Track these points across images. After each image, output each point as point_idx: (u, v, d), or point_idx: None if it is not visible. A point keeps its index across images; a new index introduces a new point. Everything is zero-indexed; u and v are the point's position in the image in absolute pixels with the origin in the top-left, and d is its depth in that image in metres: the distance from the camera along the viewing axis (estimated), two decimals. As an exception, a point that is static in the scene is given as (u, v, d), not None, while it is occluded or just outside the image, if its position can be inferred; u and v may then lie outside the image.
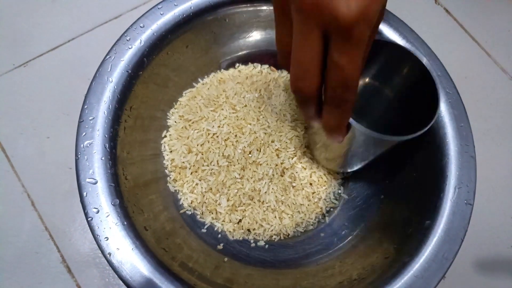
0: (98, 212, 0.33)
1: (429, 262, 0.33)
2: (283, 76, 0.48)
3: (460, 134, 0.37)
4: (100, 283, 0.41)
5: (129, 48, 0.38)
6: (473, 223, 0.35)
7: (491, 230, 0.46)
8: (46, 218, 0.44)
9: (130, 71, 0.38)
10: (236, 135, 0.43)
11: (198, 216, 0.41)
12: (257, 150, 0.42)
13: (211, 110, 0.44)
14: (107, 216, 0.33)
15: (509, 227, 0.46)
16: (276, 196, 0.42)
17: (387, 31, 0.41)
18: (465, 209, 0.34)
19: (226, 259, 0.39)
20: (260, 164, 0.42)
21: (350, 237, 0.41)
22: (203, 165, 0.42)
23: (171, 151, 0.43)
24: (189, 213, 0.41)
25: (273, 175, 0.42)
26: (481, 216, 0.45)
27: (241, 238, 0.41)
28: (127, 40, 0.39)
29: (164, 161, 0.43)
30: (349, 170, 0.44)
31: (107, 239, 0.32)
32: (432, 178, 0.37)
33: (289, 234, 0.42)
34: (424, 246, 0.34)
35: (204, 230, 0.41)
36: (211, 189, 0.41)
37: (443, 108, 0.38)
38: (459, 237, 0.34)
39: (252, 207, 0.41)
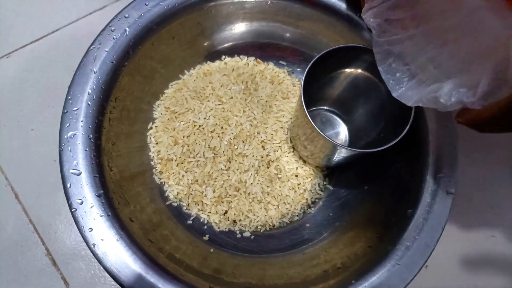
0: (82, 203, 0.33)
1: (411, 249, 0.33)
2: (269, 68, 0.48)
3: (443, 125, 0.37)
4: (86, 275, 0.41)
5: (114, 39, 0.38)
6: (455, 212, 0.35)
7: (473, 220, 0.47)
8: (30, 211, 0.43)
9: (114, 62, 0.38)
10: (222, 127, 0.43)
11: (184, 208, 0.42)
12: (243, 141, 0.43)
13: (198, 102, 0.44)
14: (91, 207, 0.33)
15: (490, 216, 0.47)
16: (262, 188, 0.42)
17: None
18: (446, 198, 0.35)
19: (212, 249, 0.39)
20: (246, 156, 0.42)
21: (334, 227, 0.41)
22: (189, 157, 0.42)
23: (157, 143, 0.43)
24: (175, 204, 0.41)
25: (259, 166, 0.42)
26: (463, 206, 0.46)
27: (227, 229, 0.41)
28: (112, 31, 0.38)
29: (150, 153, 0.43)
30: (332, 166, 0.44)
31: (91, 230, 0.32)
32: (414, 168, 0.37)
33: (274, 225, 0.42)
34: (406, 234, 0.34)
35: (190, 222, 0.41)
36: (197, 180, 0.41)
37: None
38: (440, 226, 0.34)
39: (238, 199, 0.41)
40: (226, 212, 0.42)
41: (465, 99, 0.25)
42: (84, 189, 0.33)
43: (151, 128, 0.43)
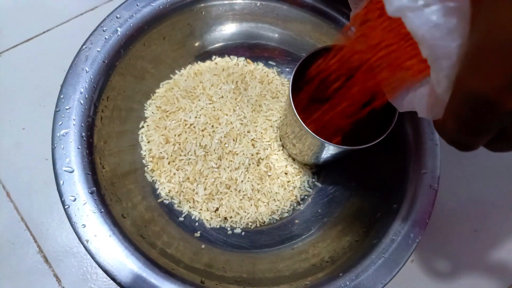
0: (75, 200, 0.33)
1: (396, 243, 0.35)
2: (259, 68, 0.49)
3: (425, 122, 0.39)
4: (78, 272, 0.42)
5: (106, 39, 0.39)
6: (439, 208, 0.37)
7: (456, 215, 0.48)
8: (22, 209, 0.44)
9: (106, 62, 0.38)
10: (212, 126, 0.44)
11: (176, 205, 0.42)
12: (233, 140, 0.43)
13: (188, 101, 0.45)
14: (84, 204, 0.33)
15: (473, 211, 0.49)
16: (252, 185, 0.43)
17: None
18: (429, 193, 0.36)
19: (203, 246, 0.40)
20: (237, 154, 0.43)
21: (323, 223, 0.42)
22: (180, 155, 0.43)
23: (148, 142, 0.44)
24: (167, 202, 0.42)
25: (249, 164, 0.43)
26: (446, 201, 0.47)
27: (218, 226, 0.42)
28: (103, 31, 0.39)
29: (142, 152, 0.43)
30: (320, 163, 0.45)
31: (84, 226, 0.32)
32: (399, 165, 0.39)
33: (265, 222, 0.43)
34: (391, 228, 0.35)
35: (181, 219, 0.42)
36: (188, 178, 0.42)
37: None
38: (424, 219, 0.36)
39: (228, 196, 0.42)
40: (217, 209, 0.42)
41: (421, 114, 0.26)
42: (77, 186, 0.33)
43: (142, 127, 0.44)
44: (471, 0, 0.17)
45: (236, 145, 0.43)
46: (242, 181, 0.43)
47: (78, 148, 0.35)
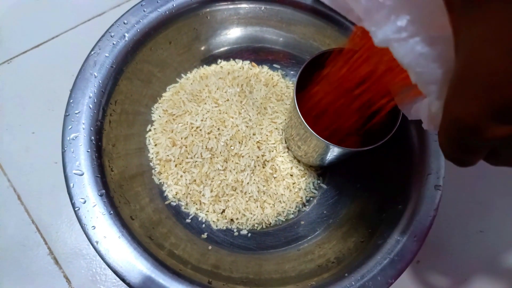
0: (85, 202, 0.34)
1: (401, 243, 0.35)
2: (264, 71, 0.49)
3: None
4: (87, 274, 0.42)
5: (113, 44, 0.40)
6: (444, 209, 0.37)
7: (461, 216, 0.48)
8: (32, 211, 0.44)
9: (114, 66, 0.39)
10: (218, 128, 0.44)
11: (183, 207, 0.43)
12: (239, 142, 0.44)
13: (195, 105, 0.45)
14: (93, 206, 0.34)
15: (478, 212, 0.49)
16: (258, 187, 0.43)
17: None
18: (434, 194, 0.37)
19: (210, 247, 0.40)
20: (242, 156, 0.44)
21: (328, 224, 0.43)
22: (187, 158, 0.43)
23: (155, 145, 0.44)
24: (174, 204, 0.43)
25: (254, 166, 0.44)
26: (451, 202, 0.47)
27: (224, 228, 0.43)
28: (111, 36, 0.40)
29: (149, 154, 0.44)
30: (325, 165, 0.46)
31: (94, 227, 0.33)
32: (403, 166, 0.39)
33: (270, 223, 0.43)
34: (396, 229, 0.36)
35: (188, 221, 0.42)
36: (195, 180, 0.43)
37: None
38: (429, 220, 0.36)
39: (235, 198, 0.43)
40: (223, 211, 0.43)
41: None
42: (87, 189, 0.34)
43: (149, 130, 0.45)
44: (454, 31, 0.17)
45: (241, 147, 0.44)
46: (248, 183, 0.43)
47: (88, 151, 0.36)
